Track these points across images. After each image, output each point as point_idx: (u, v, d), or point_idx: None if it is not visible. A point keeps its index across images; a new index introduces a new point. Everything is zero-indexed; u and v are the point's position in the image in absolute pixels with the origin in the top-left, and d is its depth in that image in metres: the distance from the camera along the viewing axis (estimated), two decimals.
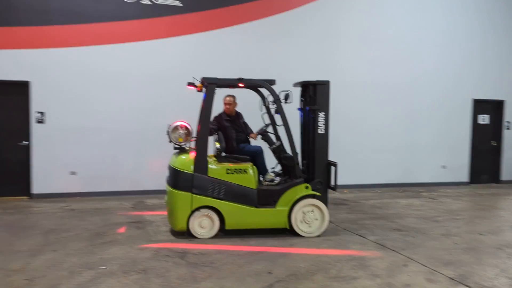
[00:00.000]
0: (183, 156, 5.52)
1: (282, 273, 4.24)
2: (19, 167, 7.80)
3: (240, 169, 5.50)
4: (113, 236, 5.46)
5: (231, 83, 5.67)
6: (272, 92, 5.61)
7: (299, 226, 5.58)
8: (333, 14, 9.36)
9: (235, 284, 3.94)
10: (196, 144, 5.49)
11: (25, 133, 7.76)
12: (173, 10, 8.35)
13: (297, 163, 5.68)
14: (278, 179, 5.75)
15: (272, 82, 5.69)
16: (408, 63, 9.87)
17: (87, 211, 6.86)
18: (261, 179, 5.76)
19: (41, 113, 7.78)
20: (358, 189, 9.48)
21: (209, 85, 5.49)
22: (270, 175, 5.79)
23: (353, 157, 9.53)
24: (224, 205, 5.41)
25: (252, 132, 6.23)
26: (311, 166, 5.84)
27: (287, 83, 6.07)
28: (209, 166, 5.43)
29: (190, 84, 5.77)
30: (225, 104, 6.10)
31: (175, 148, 5.72)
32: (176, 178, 5.42)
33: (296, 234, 5.54)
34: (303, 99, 6.11)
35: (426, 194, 9.01)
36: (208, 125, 5.58)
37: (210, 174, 5.40)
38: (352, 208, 7.50)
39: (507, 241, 5.55)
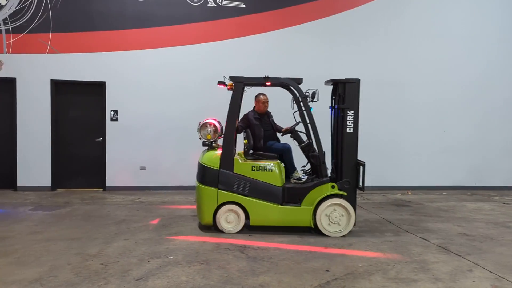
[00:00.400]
0: (210, 153, 5.70)
1: (340, 272, 4.27)
2: (95, 161, 8.45)
3: (266, 167, 5.58)
4: (177, 228, 5.78)
5: (258, 82, 5.72)
6: (299, 91, 5.62)
7: (323, 225, 5.56)
8: (397, 11, 9.12)
9: (293, 279, 4.03)
10: (223, 141, 5.62)
11: (101, 130, 8.38)
12: (237, 11, 8.59)
13: (323, 162, 5.64)
14: (305, 177, 5.77)
15: (299, 80, 5.68)
16: (479, 60, 9.38)
17: (155, 204, 7.29)
18: (290, 176, 5.81)
19: (115, 111, 8.35)
20: (423, 191, 9.18)
21: (236, 83, 5.63)
22: (298, 173, 5.84)
23: (418, 157, 9.27)
24: (249, 202, 5.54)
25: (282, 128, 6.25)
26: (339, 165, 5.78)
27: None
28: (235, 162, 5.56)
29: (220, 82, 5.85)
30: (263, 102, 6.10)
31: (204, 145, 5.88)
32: (203, 174, 5.61)
33: (323, 234, 5.53)
34: (334, 97, 6.02)
35: (497, 198, 8.52)
36: (235, 122, 5.68)
37: (236, 171, 5.54)
38: (415, 210, 7.29)
39: None
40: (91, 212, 6.67)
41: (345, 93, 5.70)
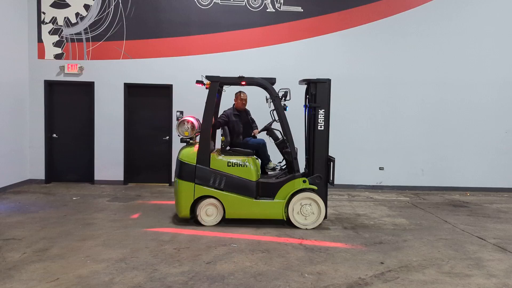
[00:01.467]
0: (187, 149, 5.99)
1: (394, 265, 4.50)
2: (163, 158, 9.13)
3: (240, 162, 5.85)
4: (238, 221, 6.19)
5: (234, 81, 6.00)
6: (271, 91, 5.86)
7: (295, 218, 5.83)
8: (452, 11, 9.03)
9: (348, 270, 4.33)
10: (200, 138, 5.91)
11: (168, 129, 9.05)
12: (294, 15, 8.93)
13: (295, 158, 5.88)
14: (279, 166, 6.18)
15: (272, 80, 5.90)
16: None
17: None
18: (265, 168, 6.20)
19: (181, 112, 8.95)
20: (482, 193, 9.02)
21: (212, 82, 5.92)
22: (272, 164, 6.24)
23: (478, 158, 9.14)
24: (224, 196, 5.82)
25: (257, 128, 6.58)
26: (311, 161, 5.99)
27: (403, 82, 6.16)
28: (212, 158, 5.83)
29: (198, 81, 6.17)
30: (241, 99, 6.44)
31: (182, 141, 6.22)
32: (181, 169, 5.89)
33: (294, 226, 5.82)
34: (307, 96, 6.19)
35: None
36: (211, 120, 5.93)
37: (212, 166, 5.82)
38: (473, 211, 7.26)
39: None
40: (160, 204, 7.29)
41: (317, 93, 5.91)
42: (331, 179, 6.00)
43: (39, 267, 4.21)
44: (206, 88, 6.04)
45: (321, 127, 5.92)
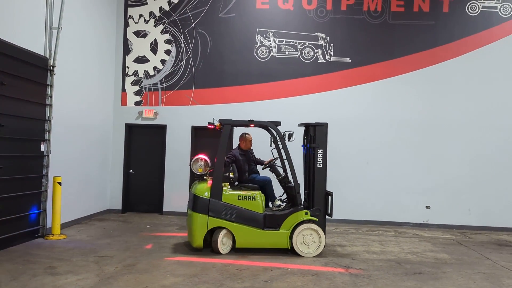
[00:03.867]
0: (202, 184, 6.65)
1: None
2: None
3: (250, 196, 6.53)
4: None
5: (244, 124, 6.78)
6: (277, 132, 6.65)
7: (299, 247, 6.46)
8: (501, 58, 9.57)
9: None
10: (213, 174, 6.59)
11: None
12: (344, 65, 9.87)
13: (298, 192, 6.55)
14: (284, 205, 6.77)
15: (277, 123, 6.72)
16: None
17: None
18: (270, 205, 6.88)
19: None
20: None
21: (225, 125, 6.71)
22: (278, 202, 6.88)
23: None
24: (235, 227, 6.46)
25: (262, 161, 7.38)
26: (311, 195, 6.66)
27: (447, 125, 6.74)
28: (224, 193, 6.51)
29: (210, 124, 7.01)
30: (249, 140, 7.28)
31: (196, 177, 6.94)
32: (195, 202, 6.49)
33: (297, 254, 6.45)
34: (306, 137, 7.01)
35: None
36: (224, 158, 6.66)
37: (224, 200, 6.49)
38: (505, 246, 7.55)
39: None
40: None
41: (315, 135, 6.65)
42: (329, 211, 6.67)
43: (130, 278, 5.24)
44: (216, 129, 6.97)
45: (319, 164, 6.63)
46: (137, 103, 10.23)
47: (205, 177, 6.92)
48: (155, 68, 10.21)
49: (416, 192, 9.64)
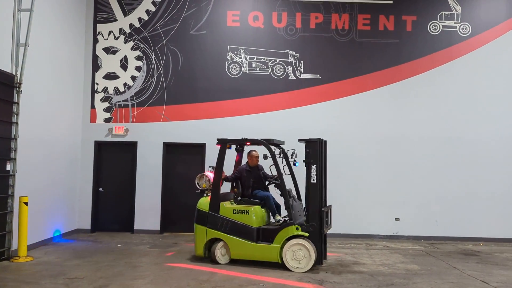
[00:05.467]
0: (204, 199, 7.15)
1: None
2: (194, 209, 10.05)
3: (244, 210, 6.78)
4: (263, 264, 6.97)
5: (240, 142, 7.12)
6: (268, 149, 6.83)
7: (288, 261, 6.49)
8: (460, 75, 10.04)
9: None
10: (212, 189, 6.99)
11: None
12: (314, 82, 10.10)
13: (288, 207, 6.62)
14: (283, 219, 6.84)
15: (270, 140, 6.94)
16: None
17: None
18: (272, 219, 7.06)
19: (212, 167, 9.99)
20: (496, 243, 9.53)
21: (222, 144, 7.12)
22: (278, 217, 7.00)
23: (491, 210, 9.73)
24: (230, 239, 6.76)
25: (271, 177, 7.39)
26: (308, 211, 6.68)
27: (414, 139, 6.97)
28: (221, 206, 6.86)
29: (219, 143, 7.33)
30: (255, 157, 7.44)
31: (201, 192, 7.36)
32: (197, 215, 7.07)
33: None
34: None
35: None
36: (221, 173, 7.05)
37: (221, 213, 6.85)
38: (483, 259, 7.82)
39: None
40: (193, 250, 8.13)
41: (310, 150, 6.68)
42: (324, 227, 6.67)
43: None
44: (228, 148, 7.30)
45: (313, 180, 6.66)
46: (107, 120, 10.08)
47: (206, 192, 7.36)
48: (125, 84, 10.13)
49: (385, 204, 9.87)
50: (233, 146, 7.61)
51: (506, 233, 9.72)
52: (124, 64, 10.15)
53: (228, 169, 7.78)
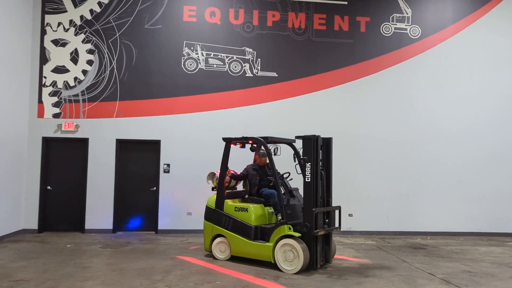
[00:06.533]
0: (212, 196, 7.26)
1: None
2: (150, 208, 9.87)
3: (244, 208, 6.83)
4: (223, 263, 6.93)
5: (242, 140, 7.10)
6: (265, 147, 6.81)
7: (280, 261, 6.38)
8: (410, 75, 10.43)
9: None
10: (217, 186, 7.12)
11: (155, 181, 9.86)
12: (270, 80, 10.15)
13: (281, 206, 6.48)
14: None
15: (266, 139, 6.81)
16: (495, 118, 10.41)
17: (201, 244, 8.49)
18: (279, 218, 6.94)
19: (168, 164, 9.86)
20: (442, 236, 9.99)
21: (226, 142, 7.19)
22: (279, 216, 6.84)
23: (436, 206, 10.18)
24: (230, 235, 6.88)
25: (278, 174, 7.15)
26: (303, 211, 6.40)
27: (367, 138, 7.19)
28: (225, 203, 6.98)
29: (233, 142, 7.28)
30: (263, 156, 7.32)
31: (212, 190, 7.38)
32: (206, 212, 7.27)
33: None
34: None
35: (511, 244, 9.24)
36: (225, 172, 7.13)
37: (225, 210, 7.00)
38: (430, 252, 8.17)
39: None
40: (149, 250, 7.97)
41: (304, 147, 6.46)
42: (337, 225, 6.68)
43: None
44: (240, 147, 7.35)
45: (307, 179, 6.36)
46: (56, 115, 9.65)
47: (214, 189, 7.39)
48: (76, 78, 9.73)
49: (339, 201, 10.05)
50: (247, 145, 7.41)
51: (451, 227, 10.21)
52: (74, 57, 9.74)
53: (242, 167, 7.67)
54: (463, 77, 10.52)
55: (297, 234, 6.27)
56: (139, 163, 9.97)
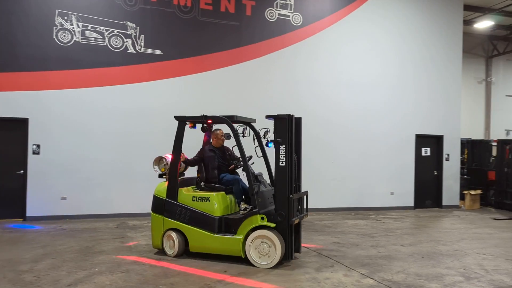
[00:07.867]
0: (161, 184, 6.38)
1: (235, 271, 5.46)
2: (16, 193, 8.87)
3: (204, 197, 6.01)
4: (100, 247, 6.59)
5: (199, 120, 6.35)
6: (231, 128, 6.03)
7: (252, 255, 5.71)
8: (293, 61, 10.94)
9: (198, 279, 5.14)
10: (169, 173, 6.27)
11: (22, 163, 8.88)
12: (155, 58, 9.76)
13: (252, 194, 5.78)
14: (250, 207, 5.91)
15: (232, 118, 6.14)
16: (362, 104, 11.44)
17: (77, 230, 7.96)
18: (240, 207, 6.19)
19: (38, 145, 8.95)
20: (317, 212, 10.77)
21: (179, 122, 6.41)
22: (243, 205, 6.13)
23: (313, 184, 10.91)
24: (188, 229, 6.01)
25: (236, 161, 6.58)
26: (276, 198, 5.85)
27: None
28: (179, 193, 6.12)
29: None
30: (219, 136, 6.56)
31: (160, 177, 6.55)
32: (154, 203, 6.31)
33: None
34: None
35: (373, 217, 10.38)
36: (179, 156, 6.25)
37: (179, 200, 6.10)
38: (306, 227, 8.74)
39: (420, 250, 6.91)
40: (15, 238, 7.20)
41: (277, 128, 5.83)
42: (305, 212, 6.15)
43: None
44: (191, 127, 6.49)
45: (282, 163, 5.74)
46: None
47: (164, 176, 6.47)
48: None
49: None
50: (198, 126, 6.64)
51: (324, 203, 11.06)
52: None
53: (194, 151, 6.76)
54: (340, 65, 11.34)
55: (272, 225, 5.65)
56: (3, 143, 8.87)
